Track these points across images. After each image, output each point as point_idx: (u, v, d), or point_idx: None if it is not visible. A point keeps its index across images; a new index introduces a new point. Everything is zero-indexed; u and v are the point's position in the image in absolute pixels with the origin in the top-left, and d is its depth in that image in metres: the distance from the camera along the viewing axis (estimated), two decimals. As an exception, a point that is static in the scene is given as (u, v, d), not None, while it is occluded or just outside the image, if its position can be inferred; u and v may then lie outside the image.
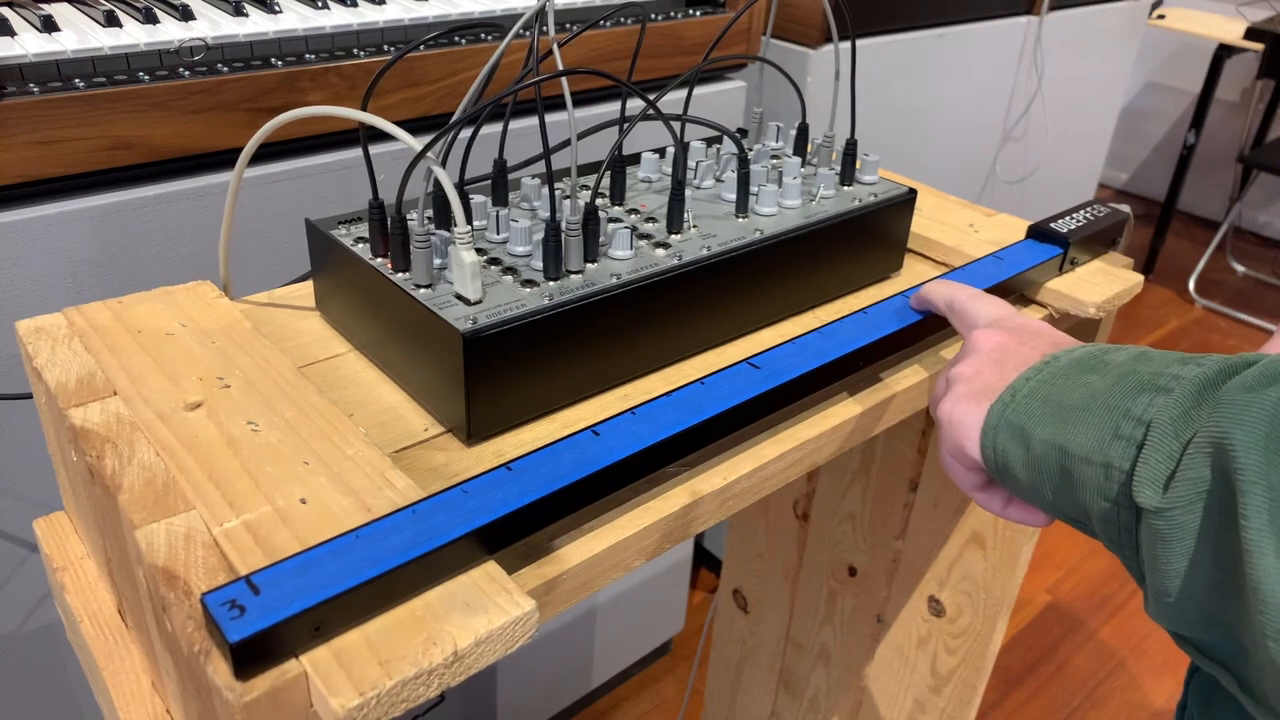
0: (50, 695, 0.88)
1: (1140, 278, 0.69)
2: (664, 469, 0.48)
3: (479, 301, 0.48)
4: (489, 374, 0.47)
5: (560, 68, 0.50)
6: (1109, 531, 0.39)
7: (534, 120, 0.51)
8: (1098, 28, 1.86)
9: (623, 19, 1.01)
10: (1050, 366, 0.44)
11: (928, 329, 0.60)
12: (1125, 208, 0.72)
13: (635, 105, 0.60)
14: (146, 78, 0.74)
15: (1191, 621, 0.36)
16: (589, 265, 0.52)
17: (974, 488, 0.49)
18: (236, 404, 0.47)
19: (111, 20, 0.76)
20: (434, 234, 0.51)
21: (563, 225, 0.50)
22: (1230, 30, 2.63)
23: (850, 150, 0.64)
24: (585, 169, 0.64)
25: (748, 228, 0.58)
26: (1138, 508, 0.37)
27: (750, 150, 0.67)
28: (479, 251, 0.53)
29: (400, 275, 0.50)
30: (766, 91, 0.71)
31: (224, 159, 0.79)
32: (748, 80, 1.16)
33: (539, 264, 0.51)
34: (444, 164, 0.51)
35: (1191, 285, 2.81)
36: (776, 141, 0.71)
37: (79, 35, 0.74)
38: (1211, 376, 0.37)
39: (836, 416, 0.55)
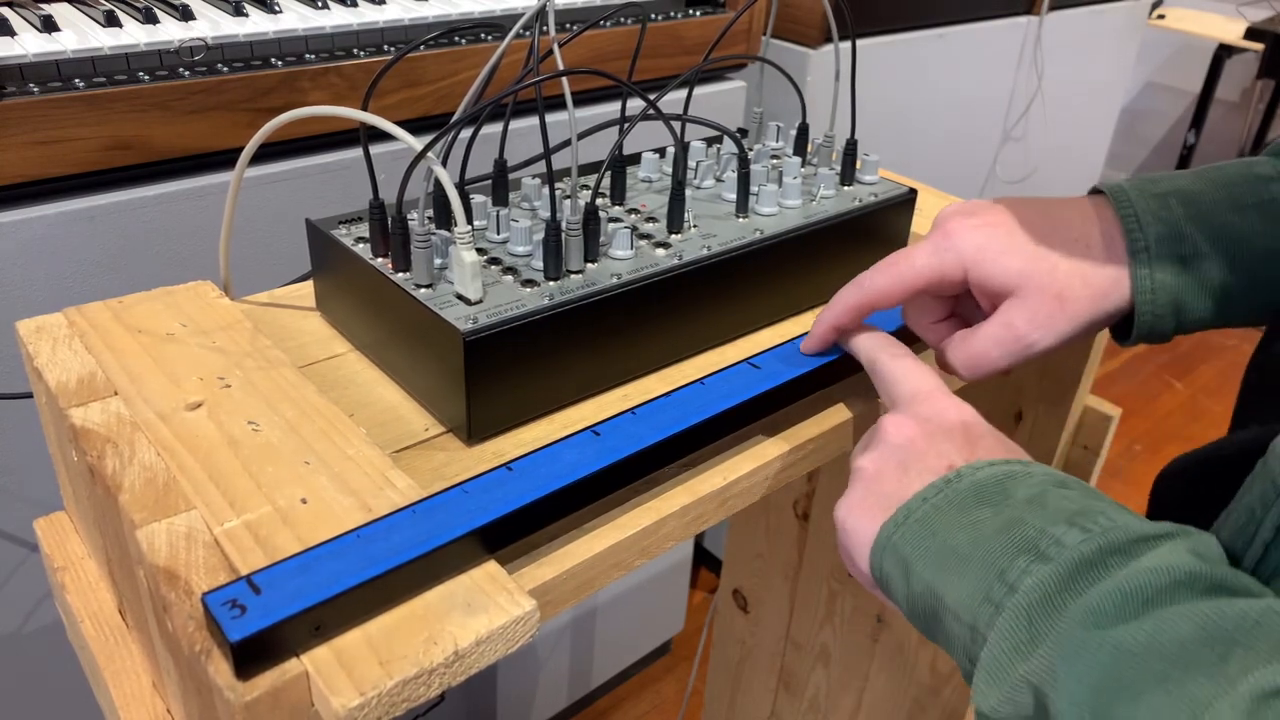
0: (50, 695, 0.88)
1: (1140, 278, 0.69)
2: (664, 469, 0.48)
3: (479, 301, 0.48)
4: (489, 374, 0.47)
5: (560, 68, 0.50)
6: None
7: (534, 120, 0.51)
8: (1098, 28, 1.86)
9: (623, 19, 1.01)
10: (948, 490, 0.40)
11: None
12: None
13: (635, 105, 0.60)
14: (146, 78, 0.74)
15: None
16: (589, 265, 0.52)
17: (869, 585, 0.44)
18: (237, 404, 0.47)
19: (111, 20, 0.76)
20: (434, 234, 0.51)
21: (563, 225, 0.50)
22: (1230, 30, 2.63)
23: (850, 150, 0.65)
24: (585, 169, 0.64)
25: (748, 228, 0.58)
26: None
27: (750, 150, 0.67)
28: (479, 251, 0.53)
29: (401, 275, 0.50)
30: (766, 91, 0.71)
31: (224, 159, 0.79)
32: (748, 80, 1.16)
33: (539, 264, 0.51)
34: (444, 164, 0.51)
35: (1191, 285, 2.80)
36: (776, 141, 0.71)
37: (79, 35, 0.74)
38: (1089, 558, 0.34)
39: (837, 416, 0.55)
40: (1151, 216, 0.47)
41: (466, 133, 0.54)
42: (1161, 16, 2.75)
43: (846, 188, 0.65)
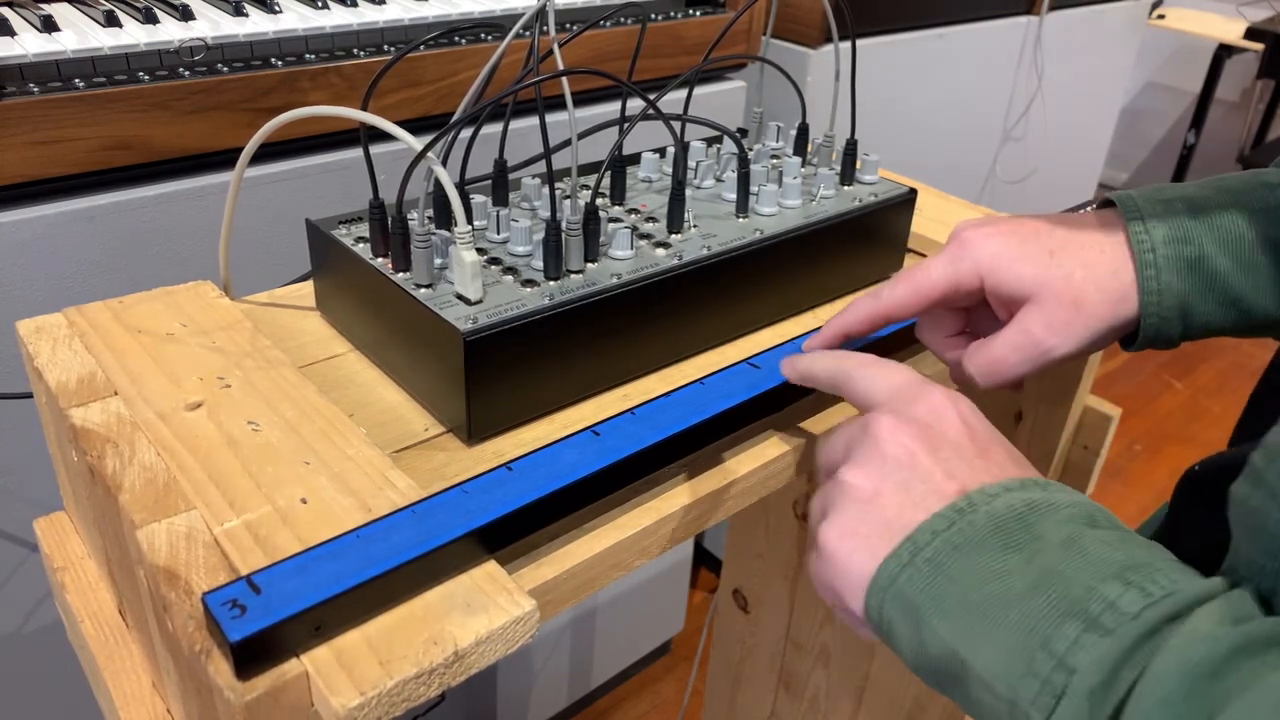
0: (50, 695, 0.88)
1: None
2: (664, 469, 0.48)
3: (479, 301, 0.48)
4: (489, 374, 0.47)
5: (560, 68, 0.50)
6: None
7: (534, 120, 0.51)
8: (1098, 28, 1.86)
9: (623, 19, 1.01)
10: (961, 522, 0.36)
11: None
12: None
13: (635, 105, 0.60)
14: (146, 78, 0.74)
15: None
16: (589, 265, 0.52)
17: (857, 625, 0.40)
18: (237, 404, 0.47)
19: (111, 20, 0.76)
20: (434, 234, 0.51)
21: (563, 225, 0.50)
22: (1230, 30, 2.63)
23: (850, 150, 0.65)
24: (585, 169, 0.64)
25: (748, 227, 0.58)
26: None
27: (750, 150, 0.67)
28: (479, 251, 0.53)
29: (401, 275, 0.50)
30: (766, 91, 0.71)
31: (224, 159, 0.79)
32: (748, 80, 1.16)
33: (539, 264, 0.51)
34: (444, 164, 0.51)
35: (1191, 285, 2.81)
36: (776, 141, 0.71)
37: (79, 35, 0.74)
38: (1154, 624, 0.30)
39: (837, 416, 0.55)
40: (1157, 220, 0.47)
41: (466, 133, 0.54)
42: (1161, 16, 2.75)
43: (846, 188, 0.65)
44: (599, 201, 0.60)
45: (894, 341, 0.57)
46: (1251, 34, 2.52)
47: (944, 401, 0.41)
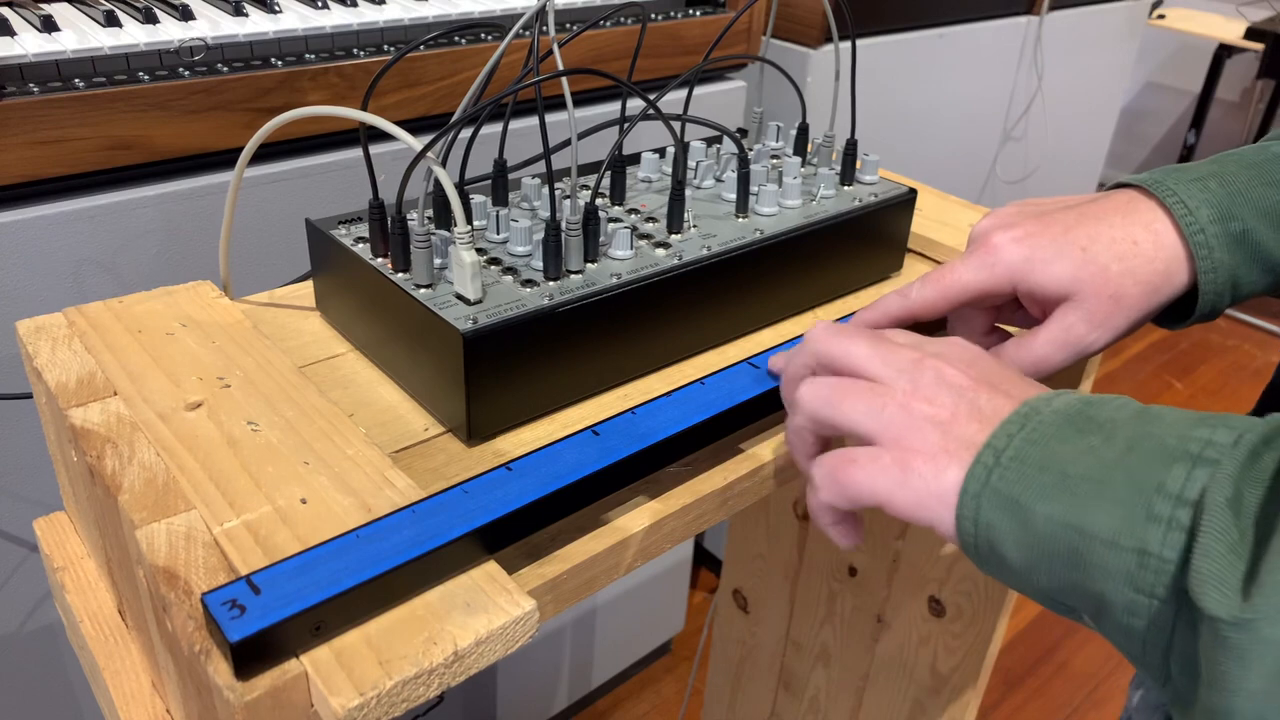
0: (50, 695, 0.88)
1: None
2: (664, 469, 0.48)
3: (479, 301, 0.48)
4: (489, 374, 0.47)
5: (560, 68, 0.50)
6: (1132, 625, 0.33)
7: (534, 120, 0.51)
8: (1098, 28, 1.86)
9: (623, 19, 1.01)
10: (1033, 421, 0.37)
11: (934, 326, 0.60)
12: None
13: (635, 105, 0.60)
14: (146, 78, 0.74)
15: None
16: (589, 265, 0.52)
17: (949, 537, 0.40)
18: (237, 404, 0.47)
19: (111, 20, 0.76)
20: (434, 234, 0.51)
21: (563, 225, 0.50)
22: (1230, 30, 2.63)
23: (850, 150, 0.65)
24: (585, 169, 0.64)
25: (748, 228, 0.58)
26: (1195, 608, 0.31)
27: (750, 150, 0.67)
28: (479, 251, 0.53)
29: (400, 275, 0.50)
30: (766, 91, 0.71)
31: (224, 159, 0.79)
32: (748, 80, 1.16)
33: (539, 264, 0.51)
34: (444, 164, 0.51)
35: (1191, 285, 2.81)
36: (776, 141, 0.71)
37: (79, 35, 0.74)
38: (1255, 446, 0.32)
39: (836, 416, 0.55)
40: (1197, 200, 0.49)
41: (466, 133, 0.54)
42: (1161, 16, 2.75)
43: (846, 188, 0.65)
44: (599, 201, 0.60)
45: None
46: (1251, 34, 2.52)
47: (964, 344, 0.43)
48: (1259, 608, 0.29)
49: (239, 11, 0.81)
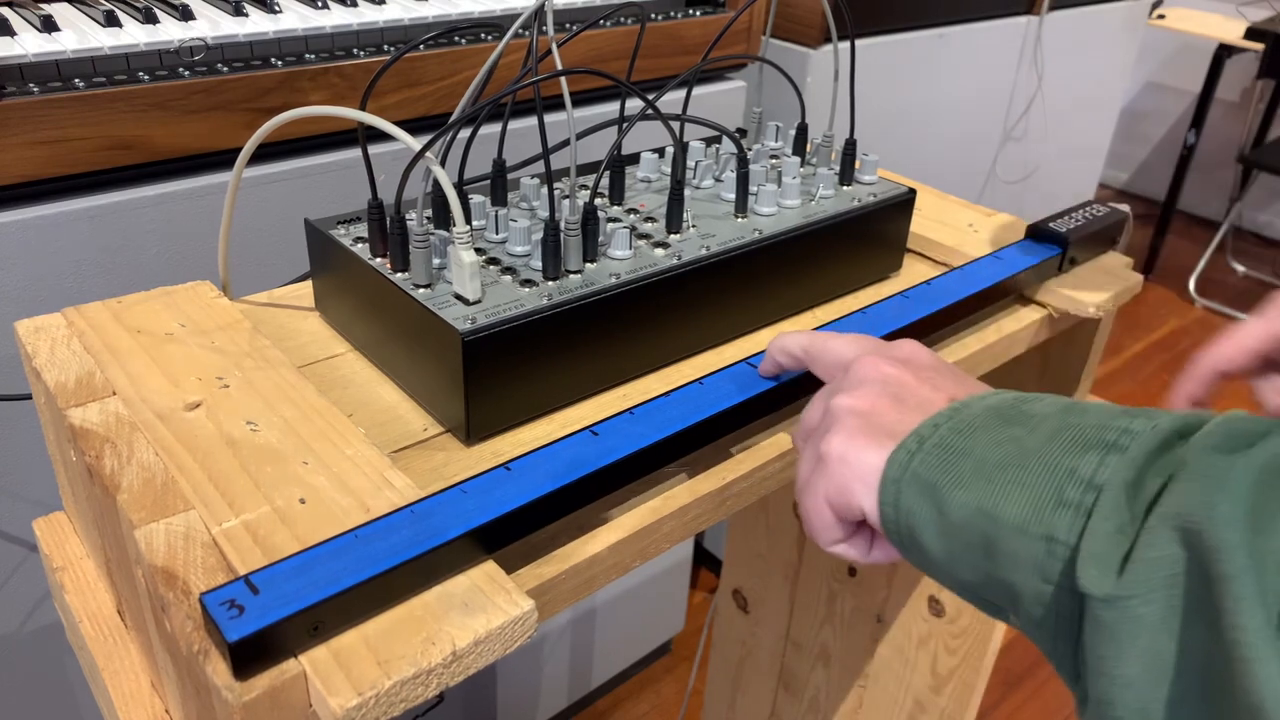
0: (50, 695, 0.88)
1: (1140, 277, 0.69)
2: (664, 469, 0.48)
3: (478, 301, 0.48)
4: (488, 374, 0.47)
5: (559, 67, 0.50)
6: (1043, 619, 0.32)
7: (533, 120, 0.51)
8: (1098, 28, 1.86)
9: (622, 19, 1.01)
10: (961, 414, 0.36)
11: (933, 325, 0.60)
12: (1124, 207, 0.72)
13: (634, 105, 0.60)
14: (146, 78, 0.74)
15: None
16: (588, 265, 0.52)
17: (836, 541, 0.41)
18: (236, 404, 0.47)
19: (111, 20, 0.76)
20: (433, 234, 0.51)
21: (562, 225, 0.50)
22: (1230, 30, 2.63)
23: (850, 150, 0.64)
24: (584, 169, 0.64)
25: (747, 228, 0.58)
26: (1081, 593, 0.30)
27: (749, 150, 0.67)
28: (478, 251, 0.53)
29: (399, 275, 0.50)
30: (766, 91, 0.71)
31: (224, 159, 0.79)
32: (747, 80, 1.16)
33: (538, 264, 0.51)
34: (443, 164, 0.51)
35: (1192, 285, 2.81)
36: (776, 141, 0.71)
37: (79, 35, 0.74)
38: (1168, 435, 0.31)
39: (836, 416, 0.55)
40: None
41: (465, 133, 0.54)
42: (1161, 16, 2.74)
43: (845, 188, 0.65)
44: (598, 201, 0.60)
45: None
46: (1251, 34, 2.51)
47: (915, 344, 0.43)
48: (1128, 585, 0.28)
49: (239, 11, 0.81)
